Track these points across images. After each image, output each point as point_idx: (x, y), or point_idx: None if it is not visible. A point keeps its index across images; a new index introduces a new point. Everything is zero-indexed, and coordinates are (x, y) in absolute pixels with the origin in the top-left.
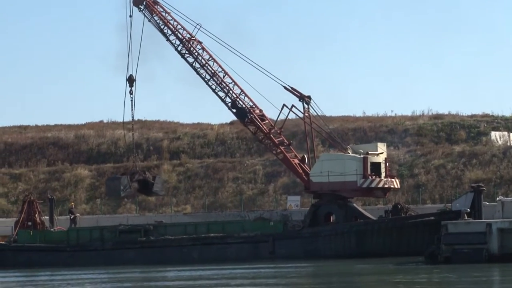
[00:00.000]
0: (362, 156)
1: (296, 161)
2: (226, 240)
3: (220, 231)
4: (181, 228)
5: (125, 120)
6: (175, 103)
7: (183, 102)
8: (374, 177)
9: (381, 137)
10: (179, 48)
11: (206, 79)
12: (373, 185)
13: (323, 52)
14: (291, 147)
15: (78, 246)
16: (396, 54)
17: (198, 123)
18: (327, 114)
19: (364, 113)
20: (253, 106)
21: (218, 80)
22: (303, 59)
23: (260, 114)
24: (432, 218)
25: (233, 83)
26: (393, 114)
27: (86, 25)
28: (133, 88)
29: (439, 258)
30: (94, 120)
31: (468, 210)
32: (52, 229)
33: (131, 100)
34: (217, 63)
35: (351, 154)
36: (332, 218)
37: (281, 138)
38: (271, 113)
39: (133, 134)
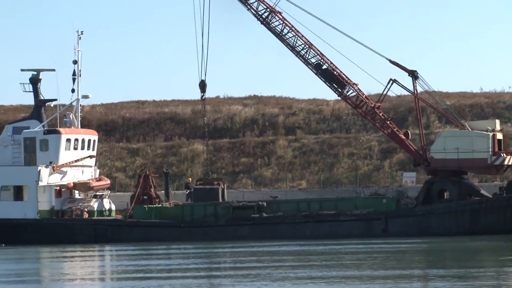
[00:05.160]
0: (491, 133)
1: (402, 136)
2: (338, 217)
3: (333, 208)
4: (294, 205)
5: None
6: (290, 79)
7: (299, 77)
8: (503, 154)
9: (498, 114)
10: (260, 19)
11: (294, 51)
12: (505, 162)
13: (436, 25)
14: (392, 122)
15: (192, 222)
16: None
17: (314, 99)
18: (443, 90)
19: (481, 89)
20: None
21: (303, 50)
22: (414, 33)
23: (356, 88)
24: None
25: (319, 55)
26: (511, 90)
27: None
28: (205, 94)
29: None
30: (211, 95)
31: None
32: (167, 203)
33: (204, 107)
34: (299, 34)
35: (470, 130)
36: (446, 195)
37: (381, 113)
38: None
39: (207, 143)
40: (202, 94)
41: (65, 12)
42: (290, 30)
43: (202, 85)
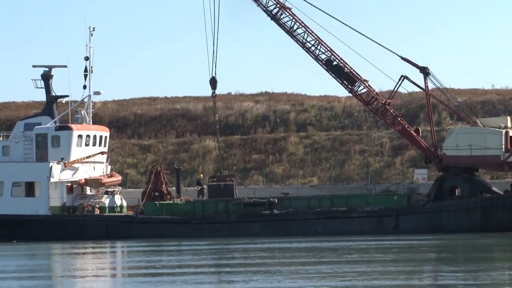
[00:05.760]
0: (504, 130)
1: (413, 132)
2: (349, 214)
3: (344, 204)
4: (305, 202)
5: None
6: (302, 75)
7: (310, 74)
8: None
9: (510, 110)
10: (270, 15)
11: (305, 47)
12: None
13: (448, 22)
14: (402, 118)
15: (204, 218)
16: None
17: (325, 96)
18: (455, 87)
19: (493, 86)
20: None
21: (312, 46)
22: (425, 30)
23: (367, 84)
24: None
25: (329, 51)
26: None
27: None
28: (215, 91)
29: None
30: (222, 92)
31: None
32: (178, 199)
33: (214, 104)
34: (308, 30)
35: (482, 127)
36: (457, 192)
37: (392, 110)
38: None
39: (218, 140)
40: (213, 91)
41: (77, 8)
42: (300, 26)
43: (213, 82)
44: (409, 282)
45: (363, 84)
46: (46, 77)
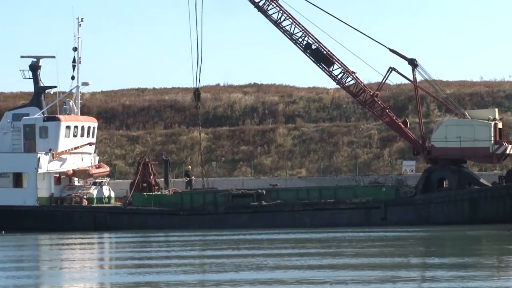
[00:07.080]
0: (493, 122)
1: (401, 124)
2: (338, 205)
3: (332, 196)
4: (293, 193)
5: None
6: (291, 67)
7: (299, 66)
8: (505, 143)
9: (498, 102)
10: (257, 7)
11: (292, 39)
12: (506, 151)
13: (436, 14)
14: (390, 110)
15: (192, 210)
16: None
17: (314, 87)
18: (443, 79)
19: (482, 78)
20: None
21: (300, 38)
22: (414, 22)
23: (355, 76)
24: None
25: (317, 43)
26: (511, 79)
27: None
28: (199, 103)
29: None
30: (211, 83)
31: None
32: (166, 191)
33: (198, 115)
34: (295, 22)
35: (471, 119)
36: (445, 184)
37: (379, 101)
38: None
39: (201, 152)
40: (197, 103)
41: None
42: (287, 18)
43: (198, 94)
44: (396, 274)
45: (351, 76)
46: (34, 68)
